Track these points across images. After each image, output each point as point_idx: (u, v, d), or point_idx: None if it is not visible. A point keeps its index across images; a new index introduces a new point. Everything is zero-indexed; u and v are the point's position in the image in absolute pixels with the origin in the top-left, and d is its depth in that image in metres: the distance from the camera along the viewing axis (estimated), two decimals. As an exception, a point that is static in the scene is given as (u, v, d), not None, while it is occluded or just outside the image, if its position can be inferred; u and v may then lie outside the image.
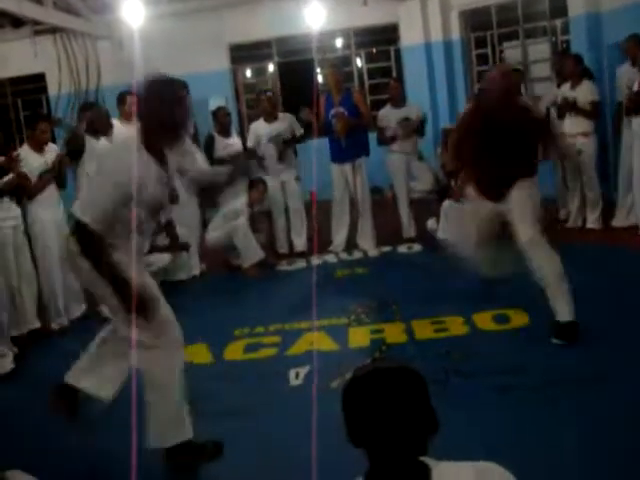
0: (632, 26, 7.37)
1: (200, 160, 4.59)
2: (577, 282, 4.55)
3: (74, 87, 11.92)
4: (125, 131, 7.22)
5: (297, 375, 4.50)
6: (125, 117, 7.10)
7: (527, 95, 8.87)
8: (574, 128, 7.56)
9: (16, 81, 12.63)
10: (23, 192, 5.96)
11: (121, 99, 7.36)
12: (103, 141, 6.65)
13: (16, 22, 11.62)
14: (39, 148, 6.12)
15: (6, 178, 5.62)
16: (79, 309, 6.43)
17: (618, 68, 7.83)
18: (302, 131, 8.08)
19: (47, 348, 5.73)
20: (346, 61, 12.02)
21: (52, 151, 6.29)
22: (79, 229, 3.32)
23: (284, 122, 8.03)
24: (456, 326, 5.10)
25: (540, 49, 10.67)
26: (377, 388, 1.66)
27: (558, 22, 10.25)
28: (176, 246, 7.16)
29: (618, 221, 7.57)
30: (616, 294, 5.28)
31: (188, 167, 3.67)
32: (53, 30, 11.58)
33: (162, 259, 6.91)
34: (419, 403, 1.66)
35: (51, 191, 6.18)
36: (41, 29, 11.57)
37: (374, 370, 1.72)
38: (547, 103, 8.18)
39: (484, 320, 5.14)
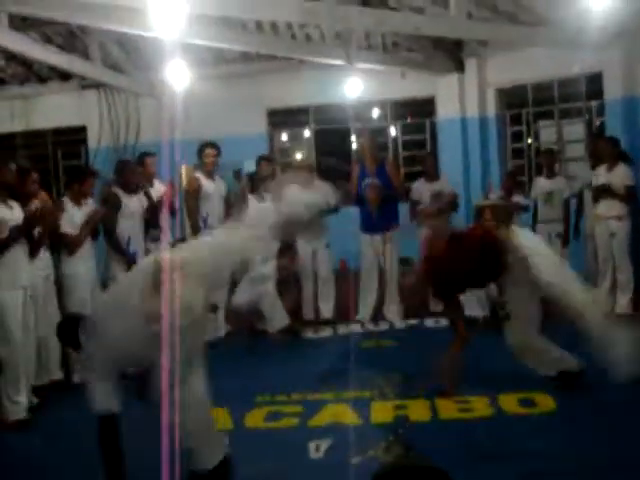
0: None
1: None
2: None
3: (113, 141, 12.17)
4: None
5: (317, 448, 4.43)
6: (145, 178, 7.18)
7: (560, 174, 8.85)
8: (608, 211, 7.56)
9: (58, 132, 12.94)
10: (58, 243, 6.05)
11: (141, 160, 7.45)
12: (134, 198, 6.73)
13: (63, 76, 11.99)
14: (79, 202, 6.23)
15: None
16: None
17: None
18: (336, 202, 8.11)
19: (67, 400, 5.71)
20: (381, 132, 12.17)
21: (90, 205, 6.39)
22: None
23: (320, 191, 8.05)
24: (481, 407, 5.02)
25: (575, 129, 10.73)
26: None
27: (594, 103, 10.31)
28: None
29: (649, 306, 7.50)
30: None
31: None
32: (98, 85, 11.91)
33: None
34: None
35: (87, 244, 6.26)
36: (86, 84, 11.91)
37: (401, 468, 1.69)
38: (581, 184, 8.21)
39: (510, 402, 5.05)
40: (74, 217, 6.09)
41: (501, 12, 9.72)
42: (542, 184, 8.32)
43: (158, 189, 7.46)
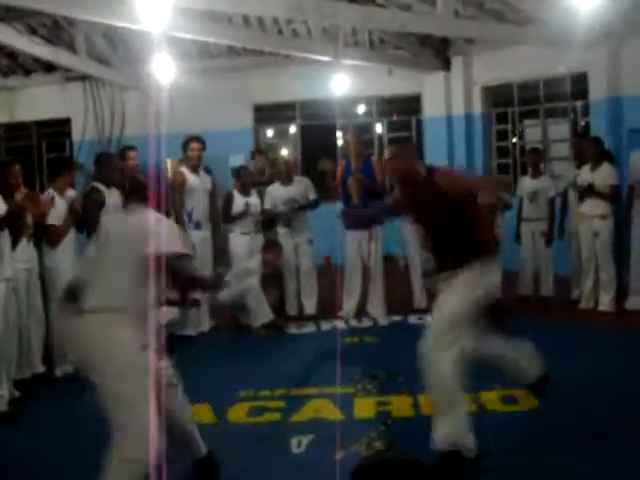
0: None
1: None
2: (584, 365, 4.49)
3: (98, 134, 12.11)
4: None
5: (299, 443, 4.42)
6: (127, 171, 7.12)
7: (545, 174, 8.88)
8: (592, 210, 7.61)
9: (42, 124, 12.89)
10: (46, 237, 6.01)
11: (122, 154, 7.40)
12: (114, 192, 6.64)
13: (48, 67, 11.92)
14: (63, 193, 6.19)
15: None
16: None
17: (632, 153, 7.88)
18: (316, 196, 8.14)
19: (49, 394, 5.70)
20: (367, 128, 12.19)
21: (71, 195, 6.34)
22: None
23: (300, 186, 8.10)
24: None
25: (560, 129, 10.79)
26: None
27: (579, 104, 10.37)
28: (186, 302, 7.14)
29: (631, 304, 7.55)
30: (626, 380, 5.22)
31: None
32: (83, 77, 11.85)
33: (170, 313, 6.88)
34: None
35: (70, 236, 6.22)
36: (71, 76, 11.84)
37: (382, 461, 1.69)
38: (565, 183, 8.26)
39: (491, 400, 5.07)
40: (58, 208, 6.04)
41: (488, 10, 9.76)
42: (527, 183, 8.35)
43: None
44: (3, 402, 5.16)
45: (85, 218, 6.37)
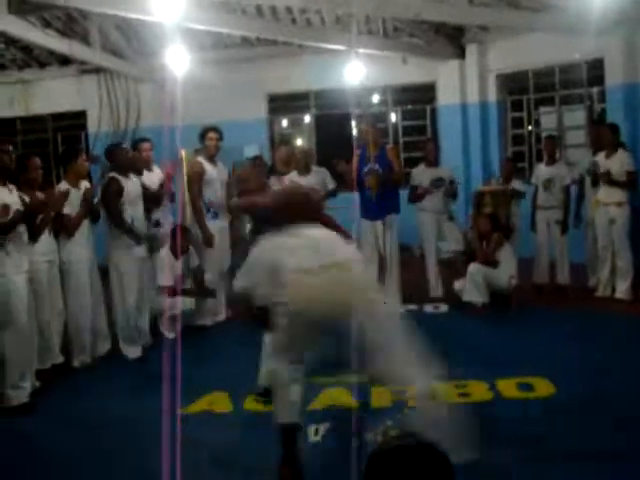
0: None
1: None
2: (601, 353, 4.48)
3: (113, 126, 12.16)
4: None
5: (316, 431, 4.45)
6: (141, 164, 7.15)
7: (561, 161, 8.85)
8: (608, 197, 7.57)
9: (58, 117, 12.95)
10: (61, 228, 6.06)
11: (135, 146, 7.40)
12: (134, 179, 6.69)
13: (63, 60, 11.97)
14: (76, 183, 6.23)
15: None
16: (104, 347, 6.46)
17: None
18: (334, 186, 8.14)
19: (69, 384, 5.76)
20: (382, 117, 12.16)
21: (85, 185, 6.37)
22: None
23: (317, 176, 8.08)
24: (480, 391, 5.04)
25: (576, 116, 10.72)
26: (401, 467, 1.64)
27: (595, 90, 10.29)
28: (202, 292, 7.21)
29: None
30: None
31: None
32: (97, 70, 11.90)
33: (186, 303, 6.94)
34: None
35: (84, 227, 6.26)
36: (86, 68, 11.89)
37: (399, 447, 1.70)
38: (581, 170, 8.21)
39: (508, 387, 5.08)
40: (72, 199, 6.07)
41: (502, -2, 9.70)
42: (543, 171, 8.32)
43: (157, 174, 7.46)
44: (24, 394, 5.22)
45: (106, 208, 6.42)
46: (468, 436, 3.41)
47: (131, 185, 6.54)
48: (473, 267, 7.44)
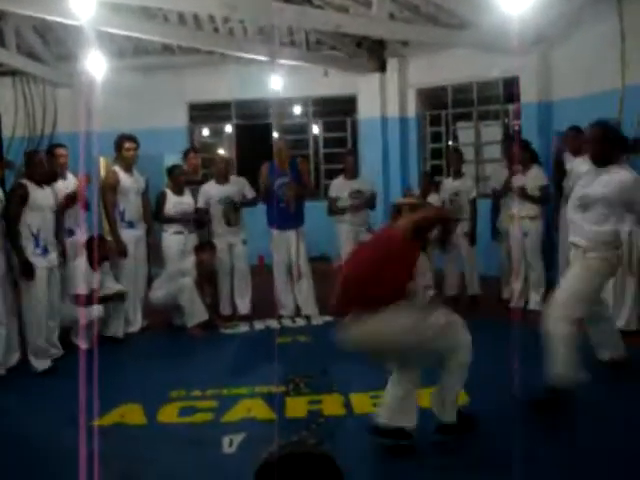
0: (580, 116, 7.59)
1: None
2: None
3: (29, 131, 11.82)
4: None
5: (231, 442, 4.40)
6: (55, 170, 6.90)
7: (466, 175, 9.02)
8: (522, 211, 7.75)
9: (-31, 120, 12.49)
10: None
11: (50, 152, 7.17)
12: (47, 190, 6.43)
13: (-25, 62, 11.58)
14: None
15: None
16: (14, 358, 6.23)
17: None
18: (253, 195, 8.15)
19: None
20: (303, 128, 12.21)
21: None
22: None
23: (236, 185, 8.10)
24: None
25: (492, 131, 10.99)
26: (289, 476, 1.61)
27: (511, 107, 10.58)
28: (111, 296, 7.00)
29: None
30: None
31: None
32: (13, 72, 11.55)
33: (96, 310, 6.73)
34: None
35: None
36: (1, 70, 11.55)
37: (288, 455, 1.68)
38: (496, 185, 8.39)
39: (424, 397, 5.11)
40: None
41: (423, 14, 9.88)
42: (449, 185, 8.50)
43: (71, 182, 7.28)
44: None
45: (6, 214, 6.15)
46: None
47: (40, 193, 6.27)
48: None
